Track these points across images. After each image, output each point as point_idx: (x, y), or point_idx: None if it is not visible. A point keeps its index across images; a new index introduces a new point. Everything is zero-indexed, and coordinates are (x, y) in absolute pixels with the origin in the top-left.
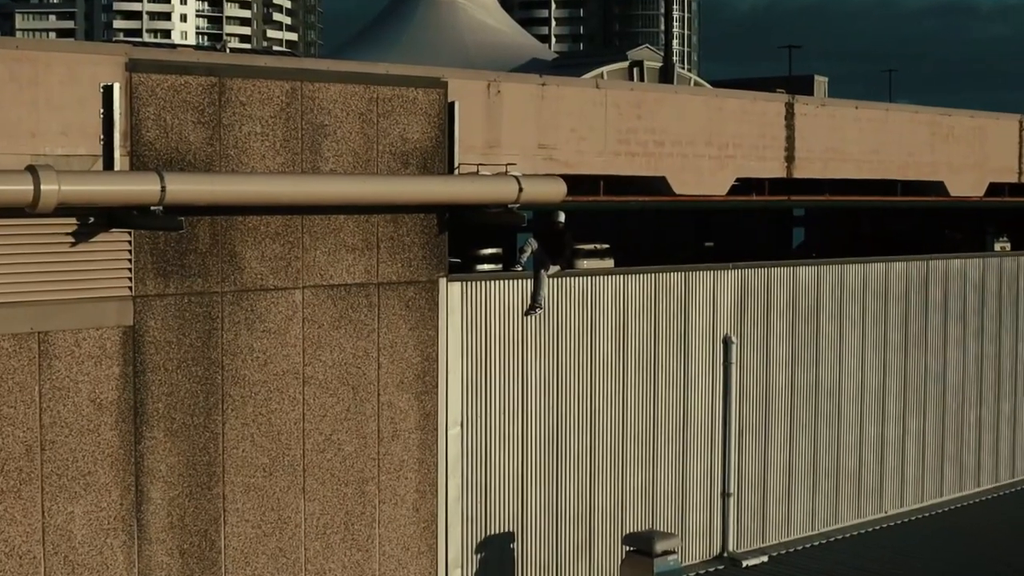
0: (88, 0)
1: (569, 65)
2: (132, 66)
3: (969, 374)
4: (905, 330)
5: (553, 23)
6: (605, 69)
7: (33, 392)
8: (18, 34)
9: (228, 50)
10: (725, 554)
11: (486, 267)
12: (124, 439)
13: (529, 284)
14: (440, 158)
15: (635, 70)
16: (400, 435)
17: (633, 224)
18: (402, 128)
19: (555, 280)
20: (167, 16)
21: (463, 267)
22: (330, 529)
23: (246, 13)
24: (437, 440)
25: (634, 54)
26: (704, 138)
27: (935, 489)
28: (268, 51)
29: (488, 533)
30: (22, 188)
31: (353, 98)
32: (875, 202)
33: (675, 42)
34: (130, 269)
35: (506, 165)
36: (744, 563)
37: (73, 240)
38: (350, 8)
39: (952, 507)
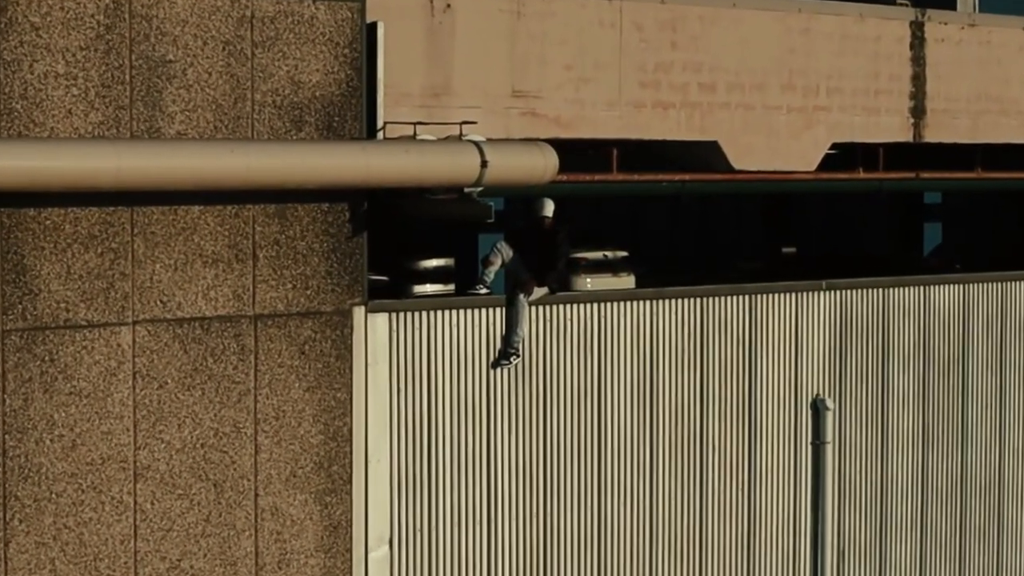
0: None
1: None
2: None
3: None
4: None
5: None
6: None
7: None
8: None
9: None
10: None
11: (430, 288)
12: None
13: (500, 316)
14: (354, 113)
15: None
16: (292, 560)
17: (665, 219)
18: (292, 66)
19: (541, 308)
20: None
21: (393, 288)
22: None
23: None
24: (352, 568)
25: None
26: (780, 79)
27: None
28: None
29: None
30: None
31: (213, 17)
32: None
33: None
34: None
35: (460, 124)
36: None
37: None
38: None
39: None
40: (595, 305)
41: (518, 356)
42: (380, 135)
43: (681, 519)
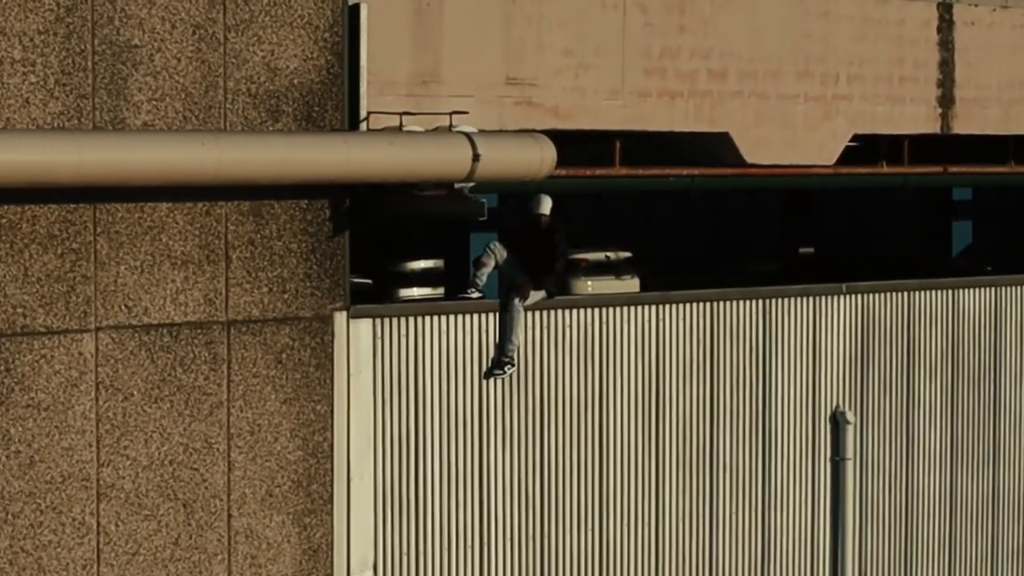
0: None
1: None
2: None
3: None
4: None
5: None
6: None
7: None
8: None
9: None
10: None
11: (417, 292)
12: None
13: (493, 322)
14: (335, 103)
15: None
16: None
17: (672, 217)
18: (268, 51)
19: (537, 314)
20: None
21: (378, 292)
22: None
23: None
24: None
25: None
26: (796, 66)
27: None
28: None
29: None
30: None
31: None
32: None
33: None
34: None
35: (451, 114)
36: None
37: None
38: None
39: None
40: (596, 310)
41: (513, 365)
42: (363, 126)
43: (690, 542)
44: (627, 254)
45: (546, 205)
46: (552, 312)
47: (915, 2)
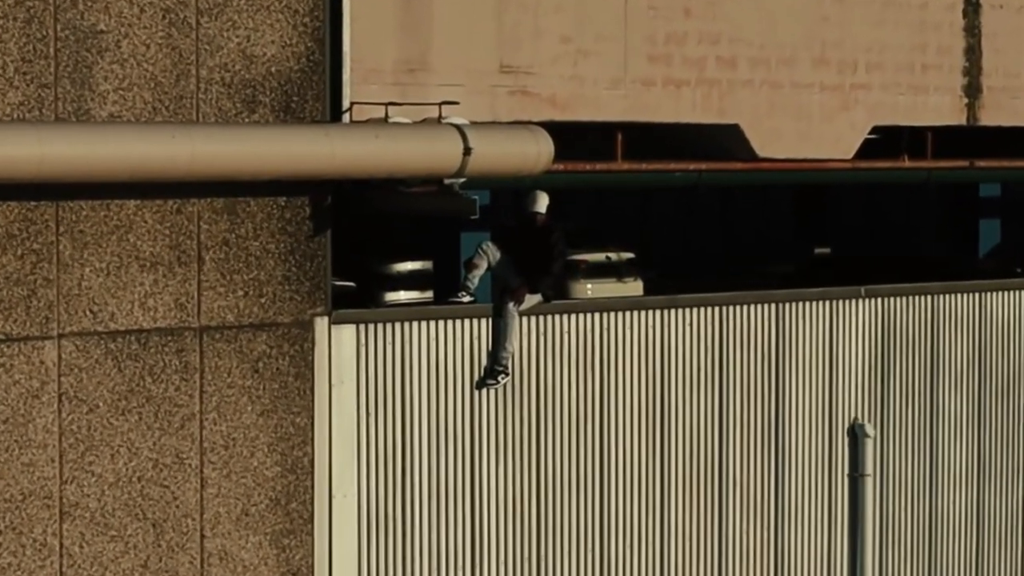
0: None
1: None
2: None
3: None
4: None
5: None
6: None
7: None
8: None
9: None
10: None
11: (404, 296)
12: None
13: (486, 327)
14: (315, 92)
15: None
16: None
17: (678, 215)
18: (244, 36)
19: (533, 319)
20: None
21: (362, 296)
22: None
23: None
24: None
25: None
26: (812, 53)
27: None
28: None
29: None
30: None
31: None
32: None
33: None
34: None
35: (440, 104)
36: None
37: None
38: None
39: None
40: (596, 315)
41: (507, 374)
42: (346, 118)
43: (697, 563)
44: (629, 255)
45: (542, 202)
46: (549, 317)
47: None
